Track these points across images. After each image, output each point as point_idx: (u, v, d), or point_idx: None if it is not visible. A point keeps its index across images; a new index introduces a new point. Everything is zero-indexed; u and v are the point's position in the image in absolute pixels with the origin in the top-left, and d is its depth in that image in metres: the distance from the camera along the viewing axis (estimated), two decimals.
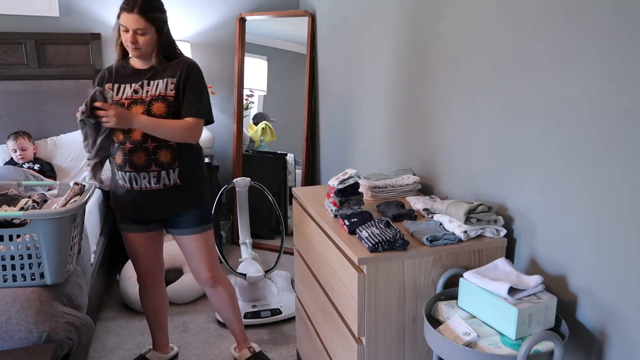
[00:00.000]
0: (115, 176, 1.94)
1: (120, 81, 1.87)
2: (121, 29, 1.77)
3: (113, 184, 1.98)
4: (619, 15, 1.12)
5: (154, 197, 1.90)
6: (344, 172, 1.70)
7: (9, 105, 3.11)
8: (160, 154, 1.85)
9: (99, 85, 1.84)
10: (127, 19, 1.74)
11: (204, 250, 2.01)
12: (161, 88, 1.84)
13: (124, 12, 1.74)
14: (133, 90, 1.85)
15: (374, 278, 1.39)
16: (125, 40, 1.78)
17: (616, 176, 1.16)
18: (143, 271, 2.11)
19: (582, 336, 1.30)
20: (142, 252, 2.05)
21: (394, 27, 2.17)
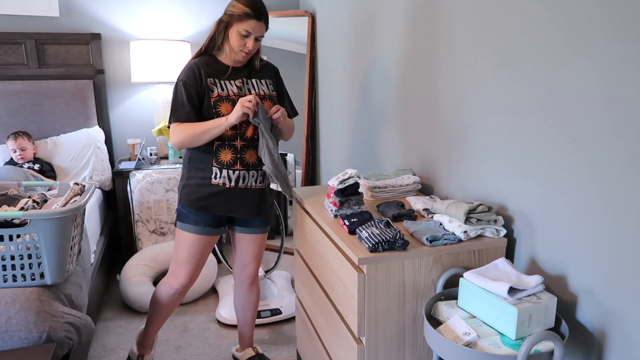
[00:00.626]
0: (208, 174, 1.85)
1: (220, 77, 1.84)
2: (241, 33, 1.76)
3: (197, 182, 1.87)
4: (619, 13, 1.12)
5: (253, 196, 1.92)
6: (344, 172, 1.70)
7: (9, 105, 3.11)
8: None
9: (196, 80, 1.80)
10: (254, 26, 1.77)
11: (262, 249, 2.12)
12: (264, 88, 1.91)
13: (253, 20, 1.75)
14: (236, 86, 1.85)
15: (374, 278, 1.39)
16: (241, 45, 1.79)
17: (616, 176, 1.16)
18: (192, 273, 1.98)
19: (582, 336, 1.30)
20: (204, 256, 1.98)
21: (394, 27, 2.17)
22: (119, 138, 3.52)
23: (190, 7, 3.47)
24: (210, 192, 1.86)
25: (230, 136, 1.82)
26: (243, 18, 1.75)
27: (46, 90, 3.17)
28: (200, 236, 1.91)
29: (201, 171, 1.86)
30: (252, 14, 1.75)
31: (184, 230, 1.91)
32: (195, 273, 1.98)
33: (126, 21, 3.37)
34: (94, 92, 3.29)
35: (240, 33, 1.76)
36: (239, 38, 1.77)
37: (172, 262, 1.99)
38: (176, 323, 2.60)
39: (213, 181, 1.85)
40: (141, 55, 3.22)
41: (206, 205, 1.88)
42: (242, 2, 1.75)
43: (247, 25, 1.75)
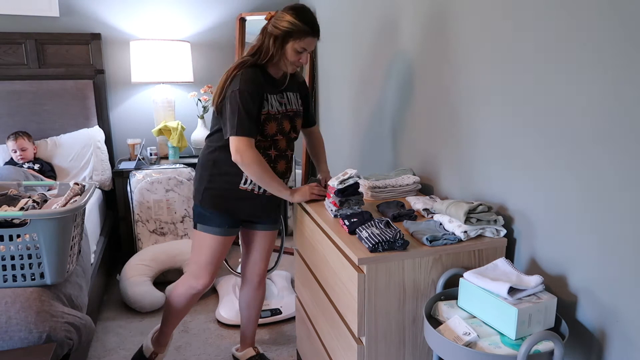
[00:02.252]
0: (237, 179, 1.85)
1: (270, 92, 1.82)
2: (298, 50, 1.75)
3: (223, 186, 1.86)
4: (617, 14, 1.12)
5: (275, 202, 1.97)
6: (344, 172, 1.70)
7: (9, 105, 3.11)
8: (291, 162, 1.96)
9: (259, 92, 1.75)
10: (311, 43, 1.78)
11: (272, 246, 2.14)
12: (294, 102, 1.91)
13: (310, 37, 1.76)
14: (278, 102, 1.83)
15: (374, 278, 1.39)
16: (296, 59, 1.78)
17: (616, 176, 1.16)
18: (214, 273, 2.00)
19: (582, 336, 1.30)
20: (224, 255, 2.00)
21: (394, 27, 2.17)
22: (119, 138, 3.52)
23: (190, 7, 3.47)
24: (237, 197, 1.87)
25: (267, 145, 1.83)
26: (302, 35, 1.74)
27: (46, 90, 3.17)
28: (223, 237, 1.91)
29: (229, 175, 1.85)
30: (311, 32, 1.75)
31: (206, 232, 1.89)
32: (216, 273, 2.00)
33: (126, 21, 3.37)
34: (94, 92, 3.29)
35: (296, 50, 1.75)
36: (294, 54, 1.76)
37: (193, 264, 1.96)
38: None
39: (242, 186, 1.85)
40: (141, 55, 3.22)
41: (231, 208, 1.88)
42: (299, 19, 1.73)
43: (305, 42, 1.75)
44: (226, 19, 3.54)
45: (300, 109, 1.94)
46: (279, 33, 1.74)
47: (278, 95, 1.84)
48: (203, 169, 1.90)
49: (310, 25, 1.75)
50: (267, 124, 1.79)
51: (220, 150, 1.83)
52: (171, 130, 3.26)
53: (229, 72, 1.76)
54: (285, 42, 1.75)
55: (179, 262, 2.90)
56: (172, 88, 3.50)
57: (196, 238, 1.93)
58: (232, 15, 3.53)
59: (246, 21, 3.43)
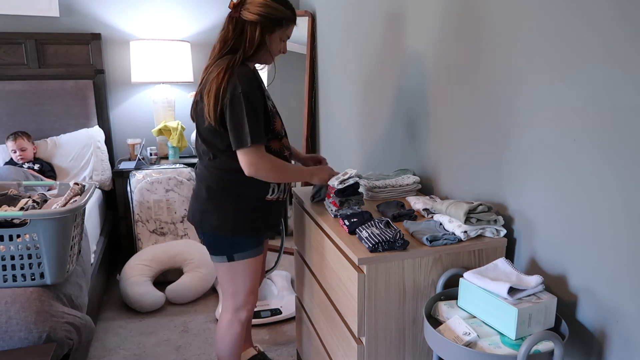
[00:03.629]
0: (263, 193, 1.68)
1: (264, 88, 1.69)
2: (282, 39, 1.66)
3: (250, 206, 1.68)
4: (619, 14, 1.12)
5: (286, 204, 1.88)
6: (344, 172, 1.70)
7: (9, 105, 3.11)
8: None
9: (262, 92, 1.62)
10: (292, 30, 1.68)
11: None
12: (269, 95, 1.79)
13: (292, 24, 1.66)
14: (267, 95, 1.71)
15: (374, 278, 1.39)
16: (279, 50, 1.68)
17: (616, 176, 1.16)
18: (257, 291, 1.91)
19: (582, 336, 1.30)
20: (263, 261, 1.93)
21: (394, 27, 2.17)
22: (119, 138, 3.52)
23: (190, 7, 3.47)
24: (265, 210, 1.72)
25: (279, 149, 1.70)
26: (289, 23, 1.64)
27: (46, 90, 3.17)
28: (261, 254, 1.78)
29: (254, 194, 1.67)
30: (293, 18, 1.65)
31: (245, 259, 1.71)
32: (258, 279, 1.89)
33: (126, 21, 3.37)
34: (94, 92, 3.29)
35: (282, 38, 1.65)
36: (278, 43, 1.65)
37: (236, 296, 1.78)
38: (176, 323, 2.60)
39: (268, 197, 1.70)
40: (141, 55, 3.22)
41: (263, 225, 1.74)
42: (284, 5, 1.62)
43: (291, 30, 1.66)
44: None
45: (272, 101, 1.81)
46: (266, 22, 1.57)
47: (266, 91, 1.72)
48: (223, 193, 1.66)
49: (293, 12, 1.65)
50: (274, 121, 1.68)
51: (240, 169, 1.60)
52: (171, 130, 3.26)
53: (219, 77, 1.52)
54: (272, 31, 1.60)
55: (179, 262, 2.90)
56: (172, 88, 3.51)
57: (233, 269, 1.72)
58: None
59: None
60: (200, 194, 1.70)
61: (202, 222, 1.69)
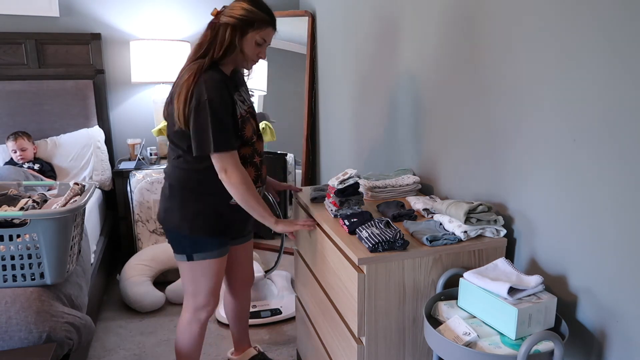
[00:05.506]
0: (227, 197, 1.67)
1: (233, 92, 1.66)
2: (257, 41, 1.63)
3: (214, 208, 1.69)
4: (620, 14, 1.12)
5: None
6: (344, 172, 1.70)
7: (9, 105, 3.11)
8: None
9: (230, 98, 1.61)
10: (270, 34, 1.66)
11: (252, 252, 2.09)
12: (248, 98, 1.77)
13: (270, 27, 1.64)
14: (240, 102, 1.69)
15: (374, 278, 1.39)
16: (255, 53, 1.65)
17: (616, 176, 1.16)
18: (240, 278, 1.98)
19: (582, 336, 1.30)
20: (242, 261, 1.96)
21: (394, 27, 2.17)
22: (119, 138, 3.52)
23: (190, 7, 3.47)
24: (229, 213, 1.72)
25: (250, 154, 1.70)
26: (262, 25, 1.61)
27: (46, 90, 3.17)
28: (224, 257, 1.77)
29: (217, 195, 1.67)
30: (270, 21, 1.63)
31: (205, 260, 1.71)
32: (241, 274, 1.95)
33: (126, 21, 3.37)
34: (94, 92, 3.29)
35: (257, 41, 1.62)
36: (254, 47, 1.63)
37: (196, 296, 1.77)
38: (176, 323, 2.60)
39: (232, 202, 1.68)
40: (141, 55, 3.22)
41: (225, 228, 1.74)
42: (259, 7, 1.61)
43: (266, 33, 1.63)
44: None
45: (252, 103, 1.80)
46: (237, 22, 1.58)
47: (237, 94, 1.68)
48: (185, 192, 1.68)
49: (269, 14, 1.63)
50: (244, 127, 1.66)
51: (207, 168, 1.62)
52: None
53: (189, 82, 1.54)
54: (244, 33, 1.59)
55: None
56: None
57: (193, 269, 1.73)
58: None
59: None
60: (165, 192, 1.73)
61: (165, 220, 1.72)
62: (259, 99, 3.52)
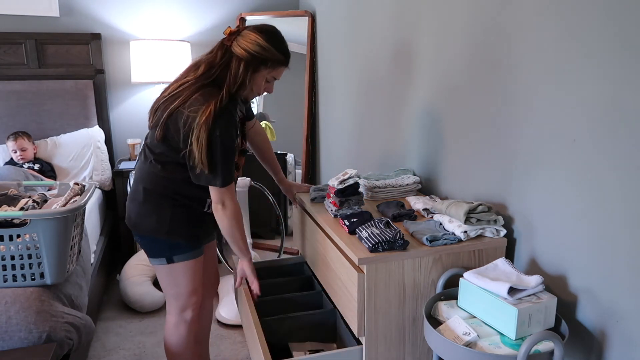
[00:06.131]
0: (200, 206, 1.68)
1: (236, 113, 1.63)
2: (268, 79, 1.61)
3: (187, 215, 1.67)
4: (618, 16, 1.12)
5: None
6: (344, 172, 1.70)
7: (9, 105, 3.11)
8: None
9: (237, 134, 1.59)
10: (282, 72, 1.64)
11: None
12: (242, 110, 1.74)
13: (283, 67, 1.62)
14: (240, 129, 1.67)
15: (374, 278, 1.39)
16: (262, 89, 1.63)
17: (616, 176, 1.16)
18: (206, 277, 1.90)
19: (582, 336, 1.30)
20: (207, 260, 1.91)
21: (394, 27, 2.17)
22: (119, 138, 3.52)
23: (190, 7, 3.47)
24: (199, 220, 1.70)
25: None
26: (277, 65, 1.58)
27: (46, 90, 3.17)
28: (200, 257, 1.75)
29: (193, 203, 1.67)
30: (285, 62, 1.61)
31: (184, 261, 1.70)
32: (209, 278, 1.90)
33: (126, 21, 3.37)
34: (94, 92, 3.29)
35: (267, 79, 1.61)
36: (261, 83, 1.60)
37: (178, 299, 1.75)
38: None
39: (205, 210, 1.70)
40: (141, 55, 3.22)
41: (200, 232, 1.73)
42: (275, 47, 1.56)
43: (278, 72, 1.62)
44: (226, 19, 3.54)
45: (249, 110, 1.79)
46: (251, 59, 1.53)
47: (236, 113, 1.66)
48: (160, 198, 1.64)
49: (284, 53, 1.59)
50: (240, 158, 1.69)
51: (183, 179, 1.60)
52: None
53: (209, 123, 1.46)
54: (256, 70, 1.55)
55: None
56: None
57: (174, 272, 1.70)
58: (232, 15, 3.53)
59: (246, 21, 3.43)
60: (137, 197, 1.66)
61: (138, 225, 1.66)
62: (259, 99, 3.52)
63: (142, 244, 1.71)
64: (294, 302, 1.84)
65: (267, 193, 2.78)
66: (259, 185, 2.75)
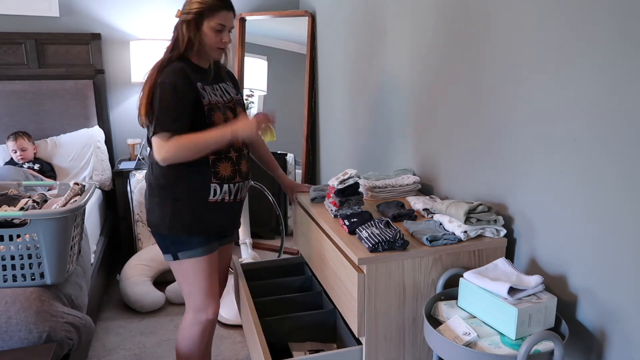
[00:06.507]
0: (205, 194, 1.65)
1: (204, 83, 1.66)
2: (216, 27, 1.61)
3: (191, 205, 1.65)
4: (618, 15, 1.12)
5: (241, 207, 1.81)
6: (344, 172, 1.70)
7: (9, 105, 3.11)
8: (249, 160, 1.80)
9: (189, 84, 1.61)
10: (227, 17, 1.63)
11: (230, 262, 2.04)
12: (232, 92, 1.76)
13: (224, 11, 1.61)
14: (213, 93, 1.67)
15: (374, 278, 1.39)
16: (217, 41, 1.63)
17: (616, 176, 1.16)
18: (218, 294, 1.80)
19: (582, 336, 1.30)
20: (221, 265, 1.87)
21: (394, 27, 2.17)
22: (119, 138, 3.52)
23: None
24: (208, 211, 1.67)
25: (226, 149, 1.66)
26: (214, 11, 1.60)
27: (46, 90, 3.17)
28: (211, 255, 1.71)
29: (195, 190, 1.64)
30: (223, 5, 1.61)
31: (191, 258, 1.67)
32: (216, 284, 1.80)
33: (126, 21, 3.37)
34: (94, 92, 3.29)
35: (214, 28, 1.61)
36: (214, 34, 1.62)
37: (193, 298, 1.73)
38: (176, 323, 2.60)
39: (211, 199, 1.66)
40: (141, 55, 3.22)
41: (205, 226, 1.69)
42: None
43: (220, 17, 1.61)
44: None
45: (239, 98, 1.79)
46: (191, 17, 1.60)
47: (209, 87, 1.67)
48: (161, 190, 1.66)
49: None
50: (213, 114, 1.63)
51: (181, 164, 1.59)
52: None
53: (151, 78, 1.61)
54: (199, 24, 1.61)
55: None
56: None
57: (182, 269, 1.70)
58: None
59: (246, 21, 3.43)
60: (145, 192, 1.76)
61: (148, 221, 1.73)
62: (259, 99, 3.52)
63: (156, 240, 1.75)
64: (294, 302, 1.84)
65: (267, 193, 2.78)
66: (259, 185, 2.75)
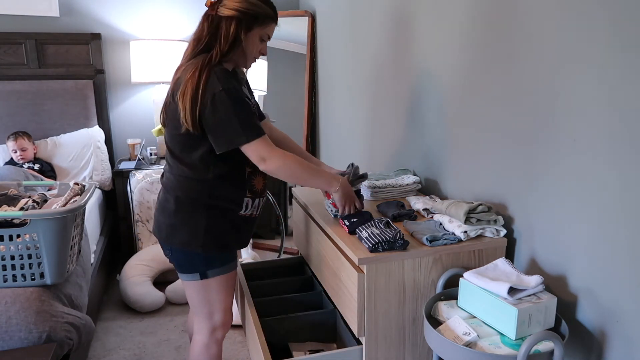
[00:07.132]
0: (237, 208, 1.55)
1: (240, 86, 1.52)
2: (262, 38, 1.52)
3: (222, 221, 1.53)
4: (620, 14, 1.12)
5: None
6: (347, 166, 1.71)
7: (9, 105, 3.11)
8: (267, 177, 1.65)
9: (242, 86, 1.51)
10: (273, 30, 1.55)
11: None
12: (254, 100, 1.64)
13: (272, 23, 1.53)
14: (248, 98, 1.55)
15: (374, 278, 1.39)
16: (257, 50, 1.54)
17: (616, 176, 1.16)
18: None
19: (582, 336, 1.30)
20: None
21: (394, 27, 2.17)
22: (119, 138, 3.52)
23: (190, 7, 3.47)
24: (235, 227, 1.56)
25: (239, 160, 1.51)
26: (268, 20, 1.51)
27: (46, 90, 3.17)
28: (235, 270, 1.62)
29: (230, 204, 1.53)
30: (272, 16, 1.52)
31: (219, 276, 1.56)
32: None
33: (126, 21, 3.37)
34: (94, 92, 3.29)
35: (262, 37, 1.52)
36: (257, 43, 1.52)
37: (217, 315, 1.61)
38: (176, 323, 2.61)
39: (242, 213, 1.55)
40: (141, 55, 3.22)
41: (235, 242, 1.59)
42: (263, 1, 1.50)
43: (270, 29, 1.53)
44: None
45: (257, 104, 1.67)
46: (241, 16, 1.45)
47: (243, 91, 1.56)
48: (195, 205, 1.50)
49: (272, 8, 1.52)
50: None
51: (217, 177, 1.49)
52: None
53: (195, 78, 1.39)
54: (250, 28, 1.47)
55: None
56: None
57: (208, 288, 1.56)
58: None
59: None
60: (168, 206, 1.53)
61: (170, 237, 1.53)
62: (259, 99, 3.52)
63: (173, 258, 1.57)
64: (294, 302, 1.84)
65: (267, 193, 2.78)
66: None
